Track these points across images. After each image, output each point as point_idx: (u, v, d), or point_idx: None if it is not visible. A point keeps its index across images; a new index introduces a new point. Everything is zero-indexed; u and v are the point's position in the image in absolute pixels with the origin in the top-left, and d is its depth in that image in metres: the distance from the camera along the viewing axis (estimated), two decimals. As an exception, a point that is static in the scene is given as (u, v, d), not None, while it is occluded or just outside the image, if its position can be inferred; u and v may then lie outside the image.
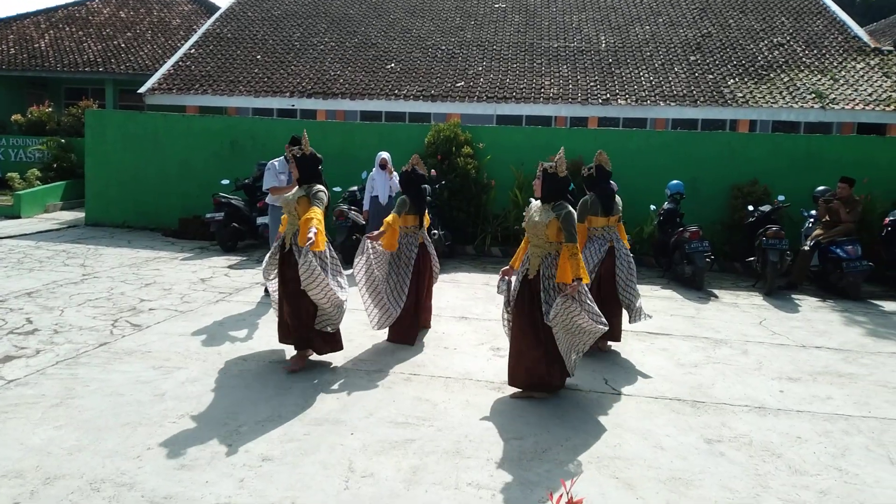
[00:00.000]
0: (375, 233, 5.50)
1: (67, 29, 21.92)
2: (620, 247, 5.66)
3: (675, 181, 9.41)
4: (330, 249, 4.95)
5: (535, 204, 4.58)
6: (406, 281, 5.72)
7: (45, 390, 4.33)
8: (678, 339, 6.20)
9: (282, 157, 6.84)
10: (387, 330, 5.81)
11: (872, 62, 15.55)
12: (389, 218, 5.52)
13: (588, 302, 4.37)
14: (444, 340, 5.86)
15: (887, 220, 9.07)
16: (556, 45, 17.24)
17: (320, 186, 4.87)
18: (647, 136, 11.19)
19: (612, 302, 5.58)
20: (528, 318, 4.47)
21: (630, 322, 5.77)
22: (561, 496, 2.26)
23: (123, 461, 3.43)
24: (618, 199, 5.78)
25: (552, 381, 4.55)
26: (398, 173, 6.68)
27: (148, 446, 3.60)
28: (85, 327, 5.77)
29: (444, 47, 17.45)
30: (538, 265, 4.46)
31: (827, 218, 8.68)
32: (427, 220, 6.10)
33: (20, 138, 16.64)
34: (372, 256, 5.52)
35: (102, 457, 3.47)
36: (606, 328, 4.39)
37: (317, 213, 4.57)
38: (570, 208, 4.39)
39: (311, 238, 4.38)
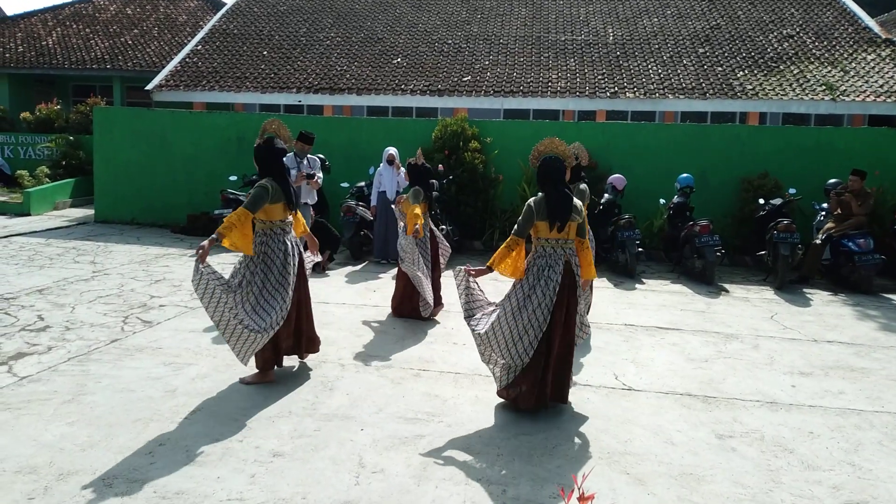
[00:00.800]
0: (417, 227, 5.88)
1: (74, 26, 21.99)
2: None
3: (684, 175, 9.35)
4: (283, 259, 4.44)
5: None
6: (428, 263, 6.26)
7: (58, 387, 4.35)
8: (688, 333, 6.17)
9: (290, 154, 6.88)
10: (392, 315, 6.42)
11: (883, 53, 15.39)
12: (417, 209, 5.96)
13: (493, 305, 4.15)
14: (452, 336, 5.85)
15: (899, 212, 9.01)
16: (563, 39, 17.15)
17: (264, 184, 4.43)
18: (655, 129, 11.13)
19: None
20: None
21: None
22: (572, 492, 2.25)
23: (135, 457, 3.45)
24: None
25: (518, 396, 4.15)
26: (405, 166, 6.99)
27: (159, 442, 3.62)
28: (96, 324, 5.80)
29: (450, 41, 17.40)
30: None
31: (838, 211, 8.60)
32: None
33: (29, 136, 16.72)
34: (418, 249, 6.07)
35: (114, 453, 3.48)
36: (477, 331, 4.12)
37: (235, 215, 4.22)
38: (530, 202, 4.05)
39: (202, 245, 4.10)
